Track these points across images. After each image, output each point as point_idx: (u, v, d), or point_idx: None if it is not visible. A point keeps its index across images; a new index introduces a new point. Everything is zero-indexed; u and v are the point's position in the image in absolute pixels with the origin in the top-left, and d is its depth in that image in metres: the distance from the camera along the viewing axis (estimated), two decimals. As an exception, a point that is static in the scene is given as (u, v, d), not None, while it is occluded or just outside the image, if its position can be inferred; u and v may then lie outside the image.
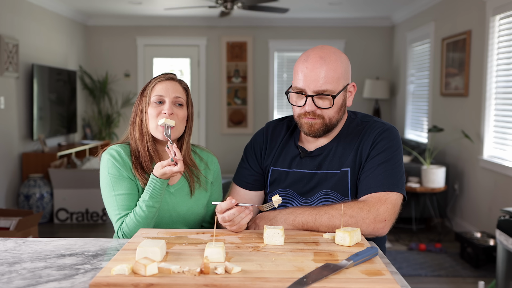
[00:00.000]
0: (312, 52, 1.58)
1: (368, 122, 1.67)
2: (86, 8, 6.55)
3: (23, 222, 3.62)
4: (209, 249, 1.28)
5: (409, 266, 3.88)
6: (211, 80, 7.42)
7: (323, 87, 1.54)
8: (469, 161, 4.67)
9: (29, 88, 5.43)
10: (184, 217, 1.73)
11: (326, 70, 1.53)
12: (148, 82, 1.74)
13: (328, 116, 1.58)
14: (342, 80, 1.57)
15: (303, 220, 1.53)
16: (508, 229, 2.83)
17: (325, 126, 1.59)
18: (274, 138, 1.76)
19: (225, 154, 7.30)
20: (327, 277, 1.17)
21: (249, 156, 1.79)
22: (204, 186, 1.78)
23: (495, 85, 4.26)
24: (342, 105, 1.60)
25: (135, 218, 1.62)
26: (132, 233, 1.62)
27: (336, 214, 1.51)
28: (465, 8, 4.78)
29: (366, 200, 1.55)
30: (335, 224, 1.50)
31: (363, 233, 1.51)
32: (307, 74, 1.54)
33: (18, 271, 1.28)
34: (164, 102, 1.67)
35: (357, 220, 1.50)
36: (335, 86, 1.55)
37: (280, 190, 1.70)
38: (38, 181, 5.10)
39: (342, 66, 1.57)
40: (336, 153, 1.65)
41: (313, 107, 1.56)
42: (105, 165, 1.69)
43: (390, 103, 7.31)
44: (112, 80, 7.29)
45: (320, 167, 1.65)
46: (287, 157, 1.71)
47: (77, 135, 6.87)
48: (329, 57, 1.55)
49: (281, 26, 7.25)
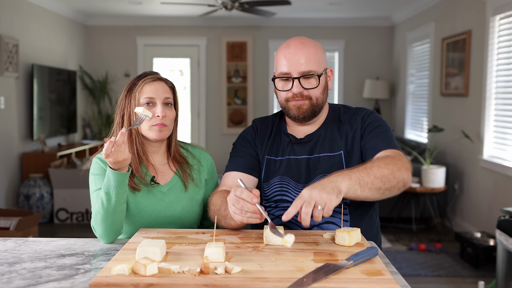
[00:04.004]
0: (292, 40, 1.68)
1: (351, 109, 1.77)
2: (86, 8, 6.55)
3: (23, 222, 3.62)
4: (209, 249, 1.28)
5: (409, 266, 3.88)
6: (211, 80, 7.42)
7: (307, 67, 1.63)
8: (469, 161, 4.67)
9: (29, 88, 5.43)
10: (180, 217, 1.72)
11: (308, 53, 1.63)
12: (132, 83, 1.70)
13: (315, 96, 1.65)
14: (322, 63, 1.67)
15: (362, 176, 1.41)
16: (508, 229, 2.83)
17: (312, 106, 1.66)
18: (263, 130, 1.80)
19: (225, 154, 7.25)
20: (327, 277, 1.17)
21: (241, 146, 1.77)
22: (197, 183, 1.77)
23: (495, 85, 4.26)
24: (325, 86, 1.69)
25: (96, 209, 1.57)
26: (94, 226, 1.58)
27: (375, 166, 1.44)
28: (465, 8, 4.78)
29: (386, 155, 1.53)
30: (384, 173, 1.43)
31: (399, 183, 1.45)
32: (291, 58, 1.63)
33: (18, 271, 1.28)
34: (155, 104, 1.67)
35: (393, 170, 1.44)
36: (318, 67, 1.64)
37: (276, 179, 1.70)
38: (38, 181, 5.10)
39: (320, 50, 1.68)
40: (325, 137, 1.71)
41: (300, 88, 1.63)
42: (92, 167, 1.68)
43: (390, 103, 7.31)
44: (112, 80, 7.29)
45: (312, 152, 1.69)
46: (279, 146, 1.74)
47: (77, 135, 6.87)
48: (307, 42, 1.67)
49: (281, 26, 7.25)
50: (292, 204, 1.33)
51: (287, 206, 1.63)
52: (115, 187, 1.51)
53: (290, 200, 1.66)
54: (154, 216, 1.69)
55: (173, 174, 1.75)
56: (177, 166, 1.76)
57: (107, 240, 1.57)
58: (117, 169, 1.50)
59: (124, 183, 1.52)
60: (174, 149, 1.76)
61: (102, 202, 1.54)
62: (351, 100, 7.29)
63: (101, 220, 1.55)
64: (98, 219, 1.55)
